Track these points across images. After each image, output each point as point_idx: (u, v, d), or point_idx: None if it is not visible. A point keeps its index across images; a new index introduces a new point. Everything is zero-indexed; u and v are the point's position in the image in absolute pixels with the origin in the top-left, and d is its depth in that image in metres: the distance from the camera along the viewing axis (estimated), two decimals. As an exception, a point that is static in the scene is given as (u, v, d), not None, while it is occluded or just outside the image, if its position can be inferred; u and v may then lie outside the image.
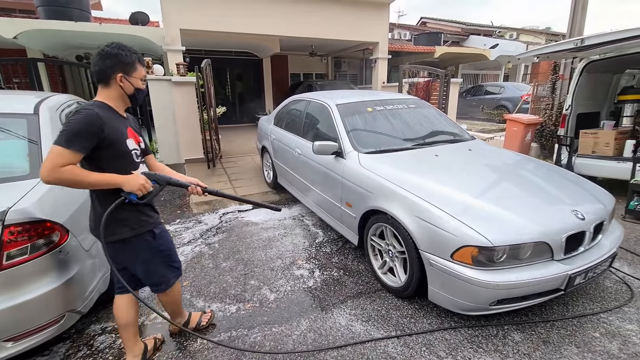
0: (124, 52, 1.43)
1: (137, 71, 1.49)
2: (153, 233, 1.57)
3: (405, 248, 2.14)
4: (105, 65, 1.41)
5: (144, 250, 1.56)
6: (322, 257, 2.95)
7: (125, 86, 1.47)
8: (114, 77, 1.44)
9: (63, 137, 1.27)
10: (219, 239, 3.36)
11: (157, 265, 1.63)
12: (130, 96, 1.52)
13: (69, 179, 1.28)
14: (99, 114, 1.36)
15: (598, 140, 4.18)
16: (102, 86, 1.46)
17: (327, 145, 2.80)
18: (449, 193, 2.07)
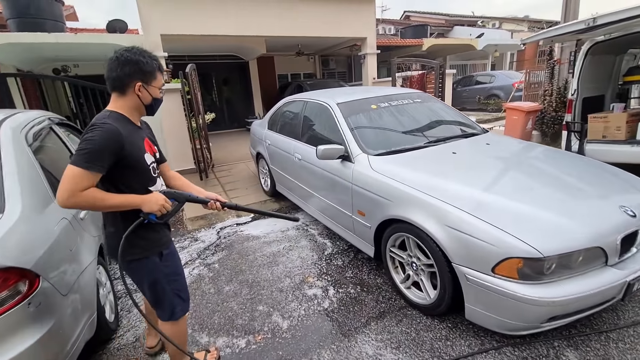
0: (144, 59, 1.31)
1: (156, 80, 1.38)
2: (161, 254, 1.46)
3: (434, 261, 1.89)
4: (123, 73, 1.29)
5: (150, 272, 1.45)
6: (334, 271, 2.69)
7: (143, 96, 1.35)
8: (132, 86, 1.32)
9: (82, 157, 1.16)
10: (218, 258, 3.07)
11: (162, 290, 1.49)
12: (147, 106, 1.40)
13: (88, 204, 1.21)
14: (119, 129, 1.25)
15: (608, 124, 4.00)
16: (118, 94, 1.34)
17: (332, 149, 2.54)
18: (481, 197, 1.82)
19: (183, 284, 1.58)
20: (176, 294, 1.53)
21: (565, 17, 5.71)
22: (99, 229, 2.32)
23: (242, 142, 8.79)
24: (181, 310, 1.57)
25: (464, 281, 1.73)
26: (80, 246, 1.85)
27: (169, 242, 1.53)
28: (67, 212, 1.87)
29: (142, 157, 1.37)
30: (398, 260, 2.27)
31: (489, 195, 1.83)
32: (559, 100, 5.77)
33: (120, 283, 2.76)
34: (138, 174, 1.36)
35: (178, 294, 1.54)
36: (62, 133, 2.68)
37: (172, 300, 1.52)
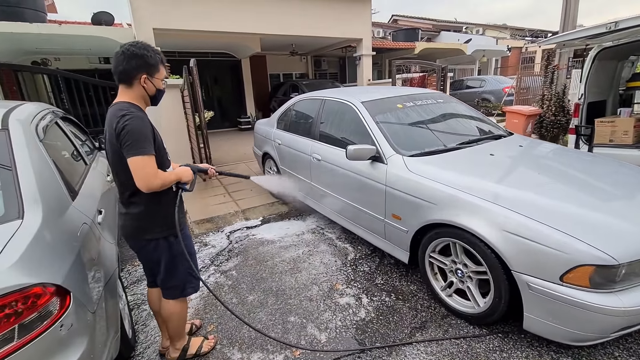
0: (149, 53, 1.42)
1: (159, 72, 1.49)
2: (176, 235, 1.55)
3: (487, 268, 1.80)
4: (130, 66, 1.39)
5: (168, 250, 1.56)
6: (362, 278, 2.56)
7: (148, 87, 1.46)
8: (138, 78, 1.42)
9: (140, 145, 1.32)
10: (234, 264, 2.88)
11: (177, 269, 1.61)
12: (152, 97, 1.52)
13: (164, 182, 1.40)
14: (146, 117, 1.43)
15: (616, 128, 4.08)
16: (125, 86, 1.44)
17: (364, 149, 2.41)
18: (537, 201, 1.74)
19: (195, 264, 1.68)
20: (189, 273, 1.64)
21: (564, 22, 5.84)
22: (114, 234, 2.10)
23: (237, 142, 8.54)
24: (192, 288, 1.69)
25: (524, 290, 1.64)
26: (102, 255, 1.64)
27: (185, 224, 1.68)
28: (86, 216, 1.66)
29: (163, 142, 1.53)
30: (437, 266, 2.17)
31: (545, 199, 1.75)
32: (558, 105, 5.89)
33: (130, 293, 2.53)
34: (162, 155, 1.49)
35: (190, 273, 1.65)
36: (67, 128, 2.43)
37: (185, 277, 1.64)
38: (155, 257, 1.57)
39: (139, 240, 1.54)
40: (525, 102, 9.92)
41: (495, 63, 20.10)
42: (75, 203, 1.66)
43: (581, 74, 4.28)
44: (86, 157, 2.58)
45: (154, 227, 1.50)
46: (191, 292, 1.68)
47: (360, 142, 2.67)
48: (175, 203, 1.53)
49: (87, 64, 10.00)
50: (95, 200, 1.99)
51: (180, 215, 1.57)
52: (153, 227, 1.50)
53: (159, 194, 1.44)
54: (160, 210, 1.50)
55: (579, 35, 3.45)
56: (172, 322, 1.70)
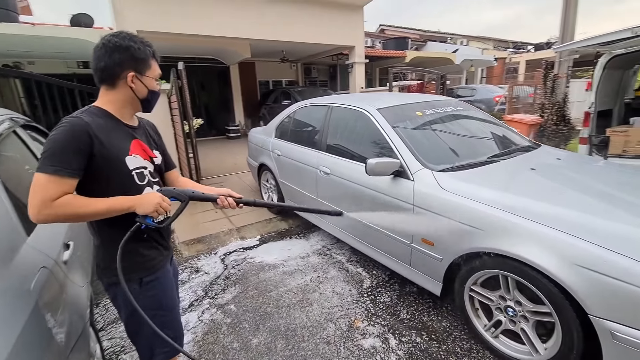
0: (136, 45, 1.11)
1: (151, 69, 1.17)
2: (140, 280, 1.18)
3: (552, 310, 1.48)
4: (113, 61, 1.09)
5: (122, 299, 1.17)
6: (385, 312, 2.21)
7: (136, 88, 1.15)
8: (123, 76, 1.12)
9: (46, 160, 0.97)
10: (232, 295, 2.47)
11: (140, 326, 1.20)
12: (143, 100, 1.18)
13: (67, 214, 0.98)
14: (88, 124, 1.04)
15: (629, 138, 3.92)
16: (107, 87, 1.14)
17: (387, 163, 2.09)
18: (613, 228, 1.45)
19: (169, 321, 1.25)
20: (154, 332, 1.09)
21: (564, 30, 5.78)
22: (87, 271, 1.68)
23: (225, 151, 8.12)
24: (164, 354, 1.25)
25: (606, 339, 1.33)
26: (68, 308, 1.23)
27: (159, 267, 1.23)
28: (47, 256, 1.25)
29: (121, 159, 1.11)
30: (478, 300, 1.85)
31: (622, 225, 1.46)
32: (559, 114, 5.78)
33: (107, 337, 2.09)
34: (114, 178, 1.10)
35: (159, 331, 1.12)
36: (29, 138, 2.00)
37: (150, 340, 1.22)
38: (115, 306, 1.23)
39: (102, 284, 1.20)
40: (516, 111, 9.95)
41: (482, 73, 20.47)
42: (31, 239, 1.25)
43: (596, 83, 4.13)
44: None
45: (109, 270, 1.15)
46: (163, 358, 1.25)
47: (379, 154, 2.35)
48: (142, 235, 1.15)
49: (65, 69, 9.40)
50: (62, 230, 1.58)
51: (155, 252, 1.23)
52: (109, 269, 1.14)
53: (111, 225, 1.09)
54: (114, 247, 1.05)
55: (602, 40, 3.28)
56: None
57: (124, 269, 1.04)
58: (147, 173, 1.20)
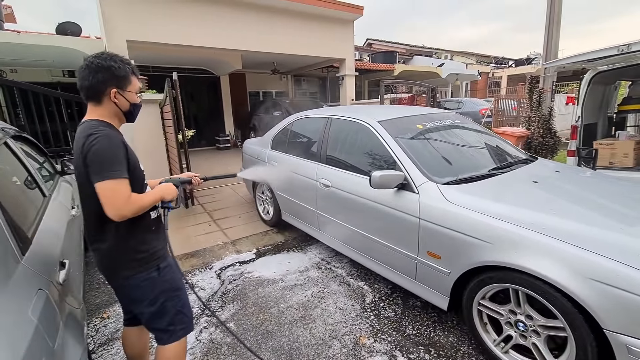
0: (116, 64, 1.25)
1: (131, 84, 1.31)
2: (158, 267, 1.36)
3: (566, 324, 1.47)
4: (97, 80, 1.22)
5: (146, 288, 1.33)
6: (390, 327, 2.16)
7: (120, 102, 1.28)
8: (107, 93, 1.25)
9: (108, 168, 1.13)
10: (231, 313, 2.38)
11: (164, 308, 1.37)
12: (126, 112, 1.33)
13: (139, 207, 1.21)
14: (119, 134, 1.25)
15: (615, 151, 4.08)
16: (94, 104, 1.26)
17: (391, 176, 2.08)
18: (624, 241, 1.46)
19: (185, 299, 1.46)
20: (179, 311, 1.42)
21: (547, 47, 6.02)
22: (80, 289, 1.59)
23: (216, 162, 8.01)
24: (183, 330, 1.44)
25: (621, 353, 1.33)
26: (65, 335, 1.14)
27: (166, 254, 1.43)
28: (43, 277, 1.17)
29: (138, 163, 1.32)
30: (487, 314, 1.83)
31: (632, 238, 1.48)
32: (545, 127, 5.97)
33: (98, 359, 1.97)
34: (137, 179, 1.28)
35: (181, 310, 1.43)
36: (19, 149, 1.90)
37: (173, 318, 1.40)
38: (136, 296, 1.35)
39: (115, 279, 1.34)
40: (501, 124, 10.25)
41: (466, 86, 21.09)
42: (27, 258, 1.16)
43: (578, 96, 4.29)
44: (44, 185, 2.04)
45: (128, 263, 1.29)
46: (182, 334, 1.44)
47: (381, 167, 2.35)
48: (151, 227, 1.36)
49: (49, 77, 9.17)
50: (57, 247, 1.48)
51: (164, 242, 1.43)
52: (128, 263, 1.29)
53: (127, 222, 1.22)
54: (132, 241, 1.29)
55: (589, 57, 3.42)
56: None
57: (142, 260, 1.30)
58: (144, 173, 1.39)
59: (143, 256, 1.31)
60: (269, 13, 7.48)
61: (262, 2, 7.17)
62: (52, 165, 2.62)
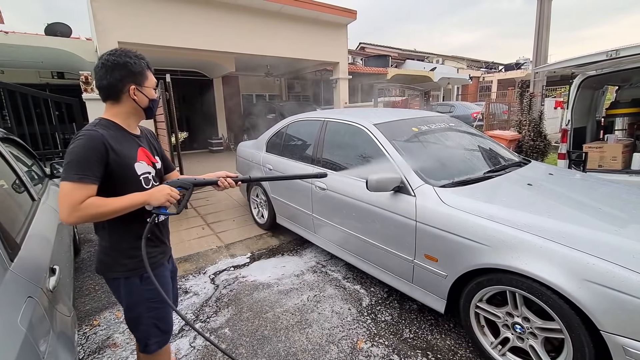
0: (132, 60, 1.22)
1: (148, 79, 1.28)
2: (141, 275, 1.31)
3: (563, 326, 1.48)
4: (114, 78, 1.20)
5: (128, 294, 1.31)
6: (387, 331, 2.15)
7: (139, 99, 1.26)
8: (125, 91, 1.23)
9: (71, 169, 1.08)
10: (226, 318, 2.34)
11: (138, 317, 1.34)
12: (146, 109, 1.31)
13: (93, 214, 1.10)
14: (103, 135, 1.16)
15: (604, 154, 4.15)
16: (112, 102, 1.25)
17: (388, 179, 2.08)
18: (618, 242, 1.48)
19: (164, 314, 1.40)
20: (153, 324, 1.37)
21: (537, 53, 6.13)
22: (70, 296, 1.54)
23: (209, 165, 7.93)
24: (156, 344, 1.40)
25: (618, 355, 1.34)
26: (55, 344, 1.10)
27: (159, 264, 1.37)
28: (33, 284, 1.13)
29: (131, 165, 1.24)
30: (484, 317, 1.83)
31: (627, 240, 1.49)
32: (536, 131, 6.07)
33: None
34: (126, 184, 1.22)
35: (156, 324, 1.38)
36: (7, 153, 1.85)
37: (147, 330, 1.37)
38: (117, 297, 1.36)
39: (104, 276, 1.32)
40: (492, 127, 10.39)
41: (457, 90, 21.38)
42: (15, 265, 1.12)
43: (568, 100, 4.37)
44: (33, 189, 1.99)
45: (116, 265, 1.28)
46: (155, 348, 1.40)
47: (377, 169, 2.34)
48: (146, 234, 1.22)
49: (37, 79, 9.01)
50: (47, 253, 1.44)
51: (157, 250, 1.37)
52: (115, 265, 1.28)
53: (120, 226, 1.23)
54: (124, 245, 1.27)
55: (579, 62, 3.49)
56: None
57: (128, 266, 1.27)
58: (150, 177, 1.32)
59: (132, 262, 1.27)
60: (263, 16, 7.48)
61: (255, 5, 7.16)
62: (41, 168, 2.55)
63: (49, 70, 9.13)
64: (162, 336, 1.41)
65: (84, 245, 3.63)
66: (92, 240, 3.73)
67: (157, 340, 1.39)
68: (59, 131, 4.84)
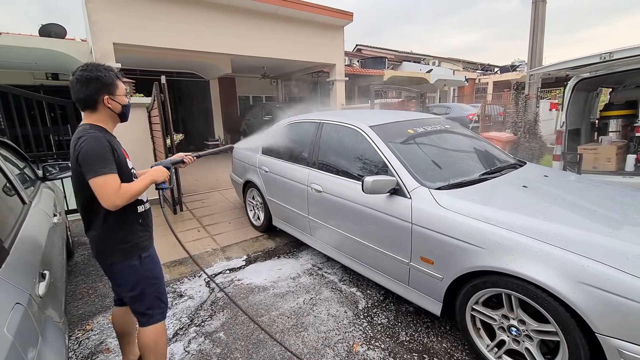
0: (102, 73, 1.38)
1: (119, 88, 1.46)
2: (140, 257, 1.51)
3: (558, 329, 1.48)
4: (90, 91, 1.36)
5: (131, 275, 1.50)
6: (383, 334, 2.13)
7: (113, 106, 1.44)
8: (100, 101, 1.39)
9: (97, 165, 1.27)
10: (221, 322, 2.32)
11: (142, 292, 1.54)
12: (120, 114, 1.49)
13: (130, 194, 1.34)
14: (104, 136, 1.36)
15: (599, 156, 4.18)
16: (90, 111, 1.41)
17: (384, 181, 2.07)
18: (613, 245, 1.48)
19: (162, 288, 1.63)
20: (156, 297, 1.58)
21: (532, 55, 6.18)
22: (61, 301, 1.51)
23: (205, 167, 7.89)
24: (160, 314, 1.61)
25: (613, 357, 1.33)
26: (44, 351, 1.08)
27: (149, 246, 1.58)
28: (22, 290, 1.10)
29: (125, 162, 1.45)
30: (480, 319, 1.83)
31: (623, 242, 1.49)
32: (531, 132, 6.10)
33: (80, 376, 1.87)
34: (126, 177, 1.41)
35: (158, 297, 1.59)
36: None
37: (151, 302, 1.57)
38: (119, 281, 1.53)
39: (103, 263, 1.50)
40: (488, 129, 10.44)
41: (453, 92, 21.48)
42: (3, 270, 1.10)
43: (563, 102, 4.40)
44: (24, 192, 1.96)
45: (114, 252, 1.45)
46: (160, 318, 1.61)
47: (373, 172, 2.34)
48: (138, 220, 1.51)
49: (31, 80, 8.93)
50: (37, 257, 1.41)
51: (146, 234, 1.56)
52: (113, 252, 1.45)
53: (115, 215, 1.39)
54: (119, 233, 1.44)
55: (573, 64, 3.51)
56: (148, 354, 1.58)
57: (125, 250, 1.45)
58: (134, 172, 1.55)
59: (128, 246, 1.46)
60: (259, 17, 7.47)
61: (252, 6, 7.15)
62: (33, 170, 2.52)
63: (43, 72, 9.06)
64: (164, 307, 1.63)
65: (77, 248, 3.59)
66: (85, 243, 3.69)
67: (160, 311, 1.60)
68: (52, 133, 4.78)
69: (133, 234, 1.47)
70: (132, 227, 1.47)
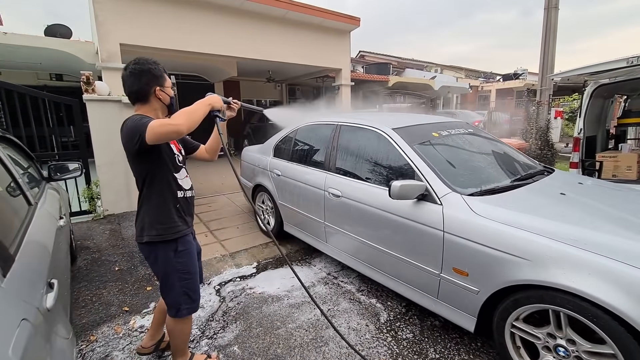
0: (152, 66, 1.46)
1: (167, 80, 1.53)
2: (176, 247, 1.52)
3: (619, 352, 1.34)
4: (143, 83, 1.44)
5: (162, 262, 1.52)
6: (410, 351, 1.99)
7: (163, 97, 1.50)
8: (151, 92, 1.47)
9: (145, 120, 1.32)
10: (234, 334, 2.17)
11: (172, 285, 1.55)
12: (168, 105, 1.54)
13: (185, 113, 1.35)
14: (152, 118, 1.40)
15: (619, 163, 4.07)
16: (141, 104, 1.48)
17: (412, 185, 1.94)
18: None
19: (194, 285, 1.61)
20: (185, 292, 1.57)
21: (543, 62, 6.10)
22: (67, 312, 1.37)
23: (210, 170, 7.76)
24: (187, 310, 1.60)
25: (686, 385, 1.19)
26: (53, 373, 0.94)
27: (185, 234, 1.56)
28: (28, 303, 0.97)
29: (170, 146, 1.53)
30: (520, 337, 1.68)
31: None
32: (543, 139, 5.99)
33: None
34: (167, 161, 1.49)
35: (187, 293, 1.58)
36: (3, 153, 1.69)
37: (179, 297, 1.56)
38: (150, 263, 1.56)
39: (140, 243, 1.53)
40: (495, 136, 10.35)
41: (456, 99, 21.48)
42: (8, 280, 0.96)
43: (580, 109, 4.29)
44: (30, 192, 1.83)
45: (151, 228, 1.48)
46: (186, 313, 1.60)
47: (398, 176, 2.22)
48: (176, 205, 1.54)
49: (35, 80, 8.86)
50: (44, 265, 1.28)
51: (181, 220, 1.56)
52: (150, 228, 1.48)
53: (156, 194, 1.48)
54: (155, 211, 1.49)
55: (597, 69, 3.42)
56: (173, 338, 1.67)
57: (159, 230, 1.48)
58: (181, 160, 1.62)
59: (164, 227, 1.48)
60: (266, 21, 7.42)
61: (259, 10, 7.10)
62: (38, 170, 2.39)
63: (47, 72, 8.99)
64: (192, 304, 1.61)
65: (80, 252, 3.44)
66: (89, 247, 3.55)
67: (187, 307, 1.59)
68: (57, 134, 4.67)
69: (170, 216, 1.50)
70: (169, 209, 1.50)
